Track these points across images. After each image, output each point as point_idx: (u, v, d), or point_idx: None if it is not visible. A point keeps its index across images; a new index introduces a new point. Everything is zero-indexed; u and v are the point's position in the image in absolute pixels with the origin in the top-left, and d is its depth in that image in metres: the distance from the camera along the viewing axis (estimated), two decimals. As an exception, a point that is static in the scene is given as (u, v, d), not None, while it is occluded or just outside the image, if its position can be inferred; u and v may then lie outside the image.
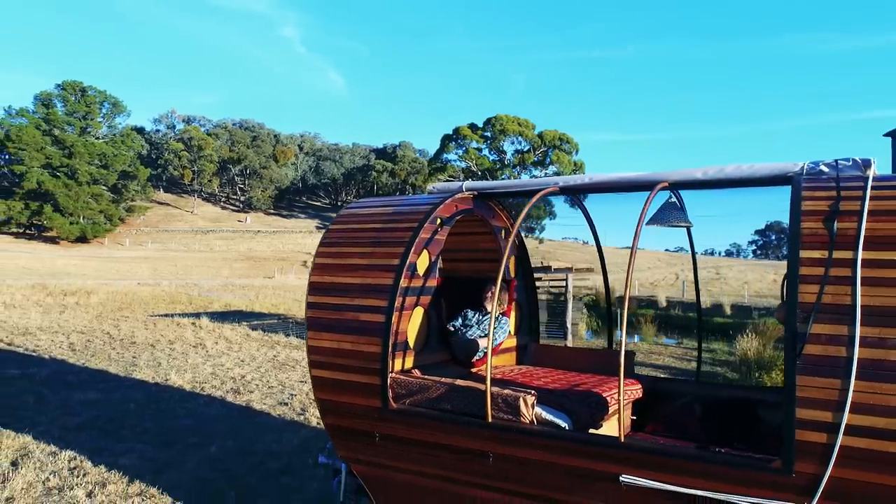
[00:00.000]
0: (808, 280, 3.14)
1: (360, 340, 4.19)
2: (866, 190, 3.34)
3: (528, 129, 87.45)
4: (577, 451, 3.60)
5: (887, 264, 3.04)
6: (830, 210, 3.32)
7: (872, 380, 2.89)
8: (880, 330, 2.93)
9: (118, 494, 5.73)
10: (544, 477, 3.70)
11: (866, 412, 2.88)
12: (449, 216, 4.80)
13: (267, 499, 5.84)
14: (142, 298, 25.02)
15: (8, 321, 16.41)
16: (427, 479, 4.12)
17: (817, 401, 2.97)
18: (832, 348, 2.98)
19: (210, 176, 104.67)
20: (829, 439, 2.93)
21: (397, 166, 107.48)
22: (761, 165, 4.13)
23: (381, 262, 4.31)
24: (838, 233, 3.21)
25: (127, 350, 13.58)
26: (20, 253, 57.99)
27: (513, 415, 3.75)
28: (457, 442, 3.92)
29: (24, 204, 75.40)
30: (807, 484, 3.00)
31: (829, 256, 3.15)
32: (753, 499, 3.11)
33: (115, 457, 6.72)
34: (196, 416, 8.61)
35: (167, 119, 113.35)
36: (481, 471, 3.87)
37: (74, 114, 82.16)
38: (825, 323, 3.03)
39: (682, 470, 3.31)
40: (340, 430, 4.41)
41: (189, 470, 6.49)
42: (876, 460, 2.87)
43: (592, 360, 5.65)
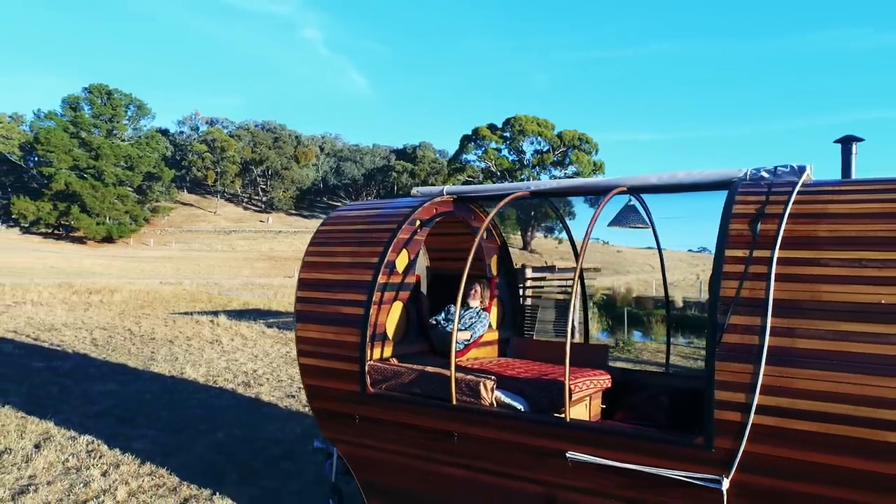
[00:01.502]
0: (730, 276, 3.50)
1: (341, 331, 4.62)
2: (792, 195, 3.68)
3: (548, 130, 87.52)
4: (530, 431, 3.99)
5: (798, 262, 3.38)
6: (756, 213, 3.67)
7: (780, 365, 3.24)
8: (789, 320, 3.28)
9: (130, 474, 6.22)
10: (503, 454, 4.10)
11: (774, 394, 3.24)
12: (428, 218, 5.21)
13: (267, 480, 6.30)
14: (163, 297, 25.73)
15: (35, 318, 17.13)
16: (402, 458, 4.54)
17: (733, 384, 3.33)
18: (747, 337, 3.34)
19: (233, 177, 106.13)
20: (743, 418, 3.29)
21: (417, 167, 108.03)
22: (710, 171, 4.47)
23: (361, 259, 4.73)
24: (760, 233, 3.56)
25: (146, 345, 14.17)
26: (49, 253, 59.49)
27: (474, 398, 4.15)
28: (426, 423, 4.33)
29: (52, 205, 77.21)
30: (725, 458, 3.36)
31: (750, 255, 3.50)
32: (680, 472, 3.48)
33: (129, 441, 7.22)
34: (207, 406, 9.11)
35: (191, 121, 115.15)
36: (448, 449, 4.28)
37: (101, 116, 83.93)
38: (741, 315, 3.39)
39: (619, 446, 3.68)
40: (325, 413, 4.85)
41: (197, 454, 6.97)
42: (782, 437, 3.22)
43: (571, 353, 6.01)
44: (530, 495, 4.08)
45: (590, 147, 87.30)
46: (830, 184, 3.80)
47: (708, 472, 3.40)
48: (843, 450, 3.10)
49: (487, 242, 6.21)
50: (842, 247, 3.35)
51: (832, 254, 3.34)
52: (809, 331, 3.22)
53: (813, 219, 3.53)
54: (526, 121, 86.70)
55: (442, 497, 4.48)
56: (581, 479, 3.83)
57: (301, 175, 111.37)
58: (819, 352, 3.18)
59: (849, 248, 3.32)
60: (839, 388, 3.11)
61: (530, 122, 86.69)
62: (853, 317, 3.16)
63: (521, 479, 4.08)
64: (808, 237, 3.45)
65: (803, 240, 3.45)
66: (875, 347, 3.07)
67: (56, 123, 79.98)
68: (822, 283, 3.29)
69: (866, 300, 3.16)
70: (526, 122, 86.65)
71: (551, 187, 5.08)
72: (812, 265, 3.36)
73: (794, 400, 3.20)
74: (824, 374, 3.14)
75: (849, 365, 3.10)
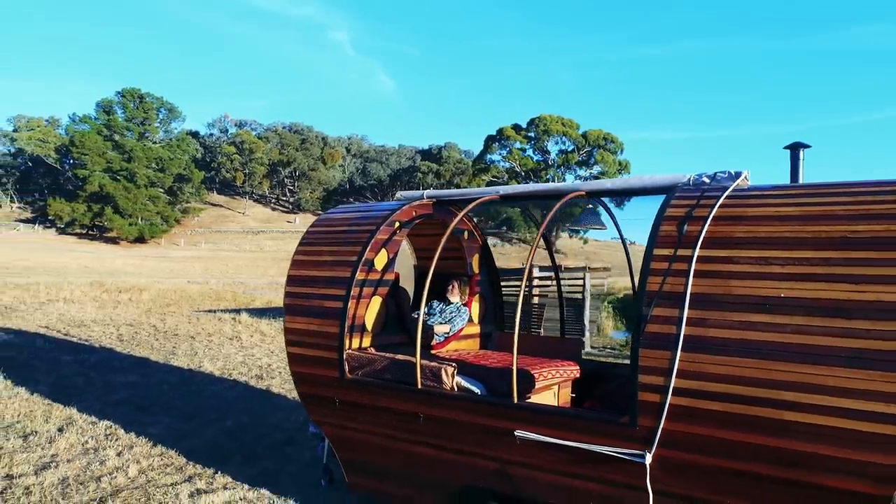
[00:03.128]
0: (655, 272, 3.89)
1: (323, 323, 5.11)
2: (719, 199, 4.06)
3: (572, 129, 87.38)
4: (484, 412, 4.42)
5: (714, 260, 3.77)
6: (685, 215, 4.06)
7: (693, 351, 3.62)
8: (702, 312, 3.67)
9: (142, 455, 6.80)
10: (462, 433, 4.54)
11: (688, 377, 3.63)
12: (407, 220, 5.67)
13: (267, 462, 6.83)
14: (189, 295, 26.58)
15: (66, 314, 17.98)
16: (376, 437, 5.01)
17: (653, 368, 3.72)
18: (666, 327, 3.73)
19: (261, 178, 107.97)
20: (662, 399, 3.68)
21: (442, 167, 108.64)
22: (659, 177, 4.86)
23: (342, 258, 5.22)
24: (686, 234, 3.95)
25: (169, 341, 14.87)
26: (83, 253, 61.36)
27: (437, 382, 4.60)
28: (395, 405, 4.79)
29: (86, 206, 79.53)
30: (647, 435, 3.75)
31: (674, 253, 3.89)
32: (610, 448, 3.88)
33: (144, 427, 7.82)
34: (220, 396, 9.70)
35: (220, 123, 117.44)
36: (415, 429, 4.74)
37: (133, 119, 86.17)
38: (662, 307, 3.78)
39: (560, 425, 4.10)
40: (309, 397, 5.34)
41: (206, 438, 7.54)
42: (695, 416, 3.61)
43: (547, 345, 6.44)
44: (488, 471, 4.51)
45: (615, 146, 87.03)
46: (756, 189, 4.17)
47: (633, 447, 3.81)
48: (746, 427, 3.48)
49: (469, 242, 6.65)
50: (753, 246, 3.72)
51: (745, 252, 3.72)
52: (719, 321, 3.61)
53: (732, 221, 3.90)
54: (550, 121, 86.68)
55: (411, 473, 4.93)
56: (528, 456, 4.25)
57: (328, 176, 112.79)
58: (726, 340, 3.56)
59: (759, 248, 3.70)
60: (743, 372, 3.49)
61: (555, 121, 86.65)
62: (757, 309, 3.54)
63: (479, 456, 4.51)
64: (725, 237, 3.83)
65: (721, 240, 3.83)
66: (774, 336, 3.45)
67: (90, 127, 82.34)
68: (734, 279, 3.67)
69: (769, 294, 3.53)
70: (550, 122, 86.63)
71: (519, 191, 5.51)
72: (726, 263, 3.74)
73: (705, 383, 3.59)
74: (730, 359, 3.53)
75: (751, 351, 3.48)
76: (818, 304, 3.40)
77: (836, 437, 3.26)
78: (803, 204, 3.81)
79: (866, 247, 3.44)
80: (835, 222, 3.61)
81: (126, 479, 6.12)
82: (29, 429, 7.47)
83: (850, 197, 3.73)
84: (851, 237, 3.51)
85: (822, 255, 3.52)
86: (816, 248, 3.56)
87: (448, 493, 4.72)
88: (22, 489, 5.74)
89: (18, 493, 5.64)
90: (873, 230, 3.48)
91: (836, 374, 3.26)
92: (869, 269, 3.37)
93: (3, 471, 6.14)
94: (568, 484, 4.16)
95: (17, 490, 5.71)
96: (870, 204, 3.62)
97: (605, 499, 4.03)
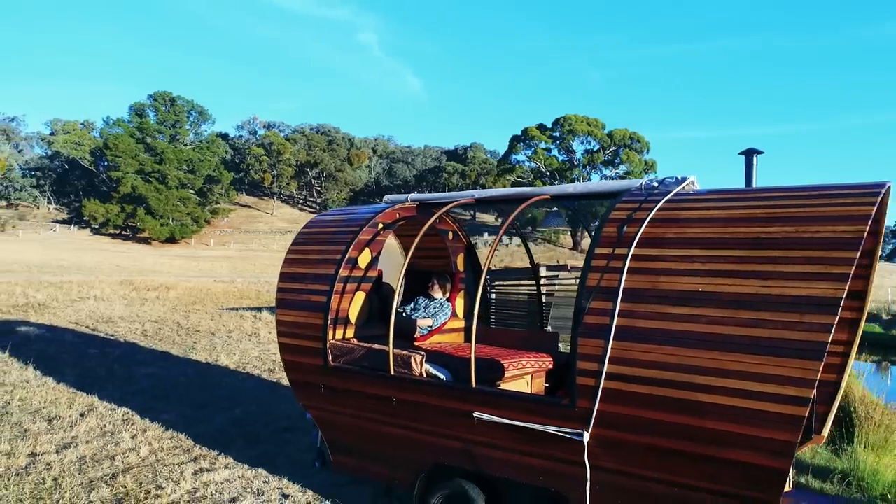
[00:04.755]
0: (595, 269, 4.31)
1: (310, 315, 5.62)
2: (658, 203, 4.47)
3: (598, 129, 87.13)
4: (447, 396, 4.88)
5: (646, 258, 4.17)
6: (626, 218, 4.47)
7: (623, 340, 4.03)
8: (632, 305, 4.08)
9: (154, 438, 7.39)
10: (430, 415, 5.00)
11: (619, 363, 4.04)
12: (391, 222, 6.16)
13: (267, 446, 7.37)
14: (214, 294, 27.44)
15: (95, 311, 18.84)
16: (356, 419, 5.50)
17: (590, 355, 4.14)
18: (601, 318, 4.14)
19: (288, 179, 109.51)
20: (596, 383, 4.10)
21: (468, 167, 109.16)
22: (616, 182, 5.28)
23: (327, 256, 5.72)
24: (624, 235, 4.36)
25: (190, 336, 15.58)
26: (116, 253, 63.15)
27: (407, 369, 5.07)
28: (372, 390, 5.28)
29: (120, 207, 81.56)
30: (584, 415, 4.17)
31: (612, 252, 4.31)
32: (554, 427, 4.31)
33: (158, 414, 8.42)
34: (232, 388, 10.29)
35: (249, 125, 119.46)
36: (389, 412, 5.21)
37: (165, 122, 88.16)
38: (599, 300, 4.20)
39: (511, 407, 4.54)
40: (298, 384, 5.86)
41: (214, 425, 8.11)
42: (625, 398, 4.02)
43: (525, 339, 6.86)
44: (453, 450, 4.96)
45: (641, 146, 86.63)
46: (694, 193, 4.56)
47: (573, 427, 4.23)
48: (667, 408, 3.89)
49: (454, 242, 7.11)
50: (680, 246, 4.12)
51: (672, 251, 4.13)
52: (646, 313, 4.01)
53: (666, 223, 4.30)
54: (576, 120, 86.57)
55: (387, 453, 5.41)
56: (486, 435, 4.70)
57: (354, 177, 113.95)
58: (652, 329, 3.97)
59: (684, 247, 4.10)
60: (665, 359, 3.89)
61: (580, 121, 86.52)
62: (678, 302, 3.94)
63: (445, 436, 4.97)
64: (658, 238, 4.24)
65: (654, 240, 4.23)
66: (691, 326, 3.85)
67: (123, 130, 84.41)
68: (661, 275, 4.07)
69: (690, 288, 3.93)
70: (576, 122, 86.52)
71: (492, 195, 5.95)
72: (656, 261, 4.14)
73: (633, 368, 4.00)
74: (654, 347, 3.93)
75: (672, 340, 3.88)
76: (729, 297, 3.79)
77: (741, 416, 3.65)
78: (727, 207, 4.20)
79: (776, 246, 3.82)
80: (752, 224, 4.00)
81: (137, 458, 6.70)
82: (53, 413, 8.12)
83: (769, 201, 4.12)
84: (765, 237, 3.89)
85: (737, 254, 3.91)
86: (734, 247, 3.95)
87: (419, 470, 5.18)
88: (44, 465, 6.36)
89: (40, 468, 6.26)
90: (784, 231, 3.86)
91: (741, 360, 3.65)
92: (776, 266, 3.75)
93: (28, 449, 6.77)
94: (519, 461, 4.59)
95: (39, 465, 6.33)
96: (783, 207, 4.00)
97: (550, 473, 4.46)
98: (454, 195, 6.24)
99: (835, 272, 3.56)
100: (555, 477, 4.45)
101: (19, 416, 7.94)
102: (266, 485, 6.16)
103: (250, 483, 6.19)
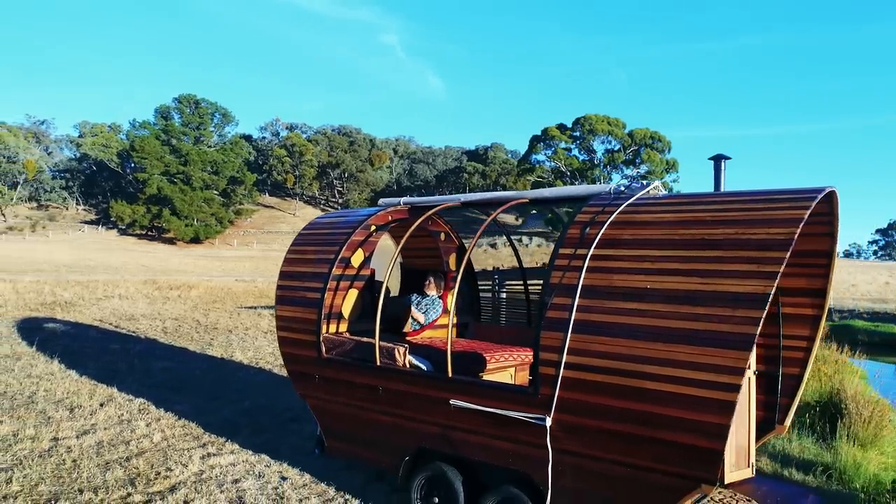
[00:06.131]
0: (558, 268, 4.68)
1: (305, 311, 6.06)
2: (620, 207, 4.83)
3: (618, 128, 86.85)
4: (426, 384, 5.29)
5: (603, 258, 4.53)
6: (589, 220, 4.84)
7: (580, 333, 4.40)
8: (589, 301, 4.45)
9: (167, 426, 7.90)
10: (412, 403, 5.41)
11: (576, 354, 4.41)
12: (383, 224, 6.58)
13: (272, 434, 7.85)
14: (235, 293, 28.14)
15: (119, 309, 19.56)
16: (347, 407, 5.93)
17: (551, 347, 4.52)
18: (561, 312, 4.52)
19: (310, 180, 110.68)
20: (556, 372, 4.48)
21: (488, 168, 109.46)
22: (588, 186, 5.63)
23: (322, 256, 6.16)
24: (586, 236, 4.73)
25: (208, 333, 16.17)
26: (143, 253, 64.56)
27: (391, 360, 5.48)
28: (360, 380, 5.70)
29: (146, 208, 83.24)
30: (547, 402, 4.55)
31: (574, 252, 4.68)
32: (520, 413, 4.69)
33: (173, 404, 8.94)
34: (244, 382, 10.80)
35: (272, 127, 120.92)
36: (375, 399, 5.64)
37: (189, 124, 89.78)
38: (560, 296, 4.57)
39: (482, 395, 4.93)
40: (295, 374, 6.31)
41: (223, 415, 8.61)
42: (581, 385, 4.39)
43: (515, 335, 7.24)
44: (433, 435, 5.37)
45: (662, 145, 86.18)
46: (653, 198, 4.92)
47: (537, 412, 4.61)
48: (619, 395, 4.25)
49: (446, 243, 7.52)
50: (634, 247, 4.49)
51: (627, 252, 4.49)
52: (601, 308, 4.38)
53: (624, 225, 4.67)
54: (596, 120, 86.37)
55: (376, 438, 5.83)
56: (461, 421, 5.09)
57: (375, 177, 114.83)
58: (605, 323, 4.34)
59: (638, 248, 4.46)
60: (616, 350, 4.26)
61: (600, 121, 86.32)
62: (630, 298, 4.30)
63: (426, 422, 5.37)
64: (615, 239, 4.60)
65: (612, 241, 4.60)
66: (640, 319, 4.21)
67: (149, 132, 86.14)
68: (616, 274, 4.44)
69: (639, 285, 4.30)
70: (596, 122, 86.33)
71: (477, 199, 6.34)
72: (612, 260, 4.51)
73: (588, 358, 4.37)
74: (607, 339, 4.30)
75: (623, 332, 4.25)
76: (674, 293, 4.15)
77: (682, 402, 4.01)
78: (679, 211, 4.56)
79: (718, 247, 4.17)
80: (699, 227, 4.35)
81: (150, 443, 7.21)
82: (75, 403, 8.68)
83: (717, 205, 4.47)
84: (709, 239, 4.25)
85: (684, 254, 4.26)
86: (681, 247, 4.30)
87: (404, 454, 5.59)
88: (65, 448, 6.89)
89: (61, 451, 6.79)
90: (726, 233, 4.21)
91: (683, 351, 4.01)
92: (716, 265, 4.10)
93: (51, 434, 7.32)
94: (491, 444, 4.98)
95: (60, 448, 6.86)
96: (728, 211, 4.35)
97: (518, 456, 4.84)
98: (442, 199, 6.65)
99: (765, 270, 3.90)
100: (522, 459, 4.83)
101: (44, 405, 8.51)
102: (267, 469, 6.62)
103: (253, 467, 6.65)
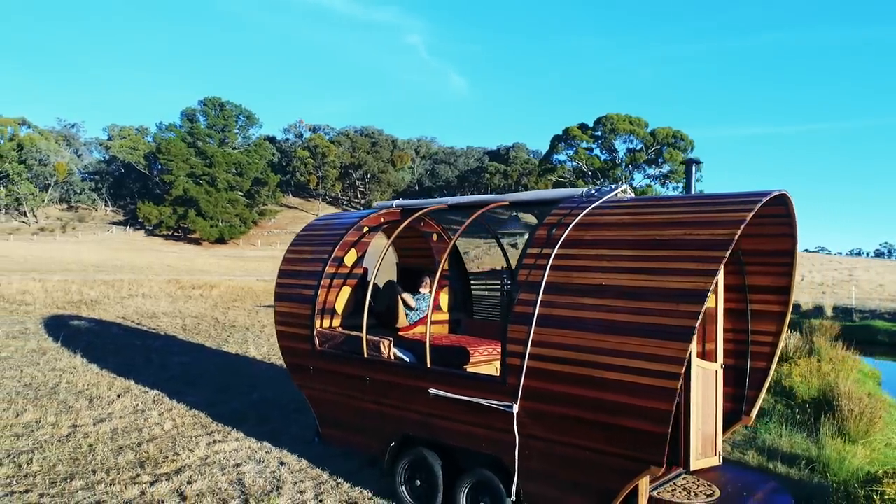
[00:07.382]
0: (526, 266, 5.05)
1: (301, 307, 6.50)
2: (585, 209, 5.18)
3: (640, 128, 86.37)
4: (408, 375, 5.69)
5: (566, 257, 4.89)
6: (557, 222, 5.19)
7: (543, 326, 4.77)
8: (551, 296, 4.80)
9: (178, 415, 8.41)
10: (396, 392, 5.82)
11: (539, 346, 4.77)
12: (376, 225, 6.99)
13: (275, 423, 8.31)
14: (255, 292, 28.81)
15: (142, 307, 20.27)
16: (339, 397, 6.35)
17: (517, 339, 4.88)
18: (526, 307, 4.88)
19: (333, 181, 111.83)
20: (521, 362, 4.84)
21: (510, 168, 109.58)
22: (564, 190, 5.97)
23: (316, 255, 6.59)
24: (552, 237, 5.09)
25: (225, 331, 16.76)
26: (168, 253, 65.92)
27: (377, 352, 5.89)
28: (349, 371, 6.12)
29: (172, 209, 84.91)
30: (513, 391, 4.92)
31: (540, 252, 5.04)
32: (490, 401, 5.06)
33: (185, 396, 9.46)
34: (255, 376, 11.31)
35: (295, 128, 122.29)
36: (363, 389, 6.05)
37: (214, 127, 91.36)
38: (526, 292, 4.94)
39: (457, 384, 5.31)
40: (292, 366, 6.75)
41: (232, 406, 9.09)
42: (544, 375, 4.75)
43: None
44: (415, 422, 5.76)
45: (685, 144, 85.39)
46: (617, 201, 5.26)
47: (505, 400, 4.98)
48: (577, 384, 4.60)
49: (437, 243, 7.91)
50: (594, 247, 4.84)
51: (587, 251, 4.84)
52: (561, 303, 4.74)
53: (586, 227, 5.01)
54: (618, 119, 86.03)
55: (364, 425, 6.24)
56: (439, 409, 5.48)
57: (397, 178, 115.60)
58: (565, 317, 4.69)
59: (597, 248, 4.81)
60: (575, 342, 4.61)
61: (622, 120, 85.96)
62: (587, 293, 4.66)
63: (408, 409, 5.77)
64: (578, 240, 4.95)
65: (574, 242, 4.95)
66: (595, 314, 4.56)
67: (175, 134, 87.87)
68: (575, 272, 4.79)
69: (595, 282, 4.65)
70: (618, 121, 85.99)
71: (463, 201, 6.73)
72: (573, 259, 4.86)
73: (549, 350, 4.73)
74: (567, 332, 4.66)
75: (580, 325, 4.60)
76: (625, 289, 4.49)
77: (632, 389, 4.35)
78: (636, 213, 4.90)
79: (666, 247, 4.51)
80: (650, 228, 4.69)
81: (161, 431, 7.72)
82: (94, 394, 9.24)
83: (670, 207, 4.80)
84: (658, 239, 4.59)
85: (635, 253, 4.61)
86: (634, 247, 4.65)
87: (390, 440, 5.99)
88: (82, 434, 7.42)
89: (79, 437, 7.32)
90: (674, 234, 4.55)
91: (631, 342, 4.36)
92: (663, 263, 4.44)
93: (70, 421, 7.86)
94: (465, 430, 5.36)
95: (78, 434, 7.40)
96: (679, 213, 4.69)
97: (489, 441, 5.21)
98: (432, 201, 7.05)
99: (705, 268, 4.23)
100: (493, 444, 5.20)
101: (65, 396, 9.07)
102: (268, 455, 7.08)
103: (255, 453, 7.11)
